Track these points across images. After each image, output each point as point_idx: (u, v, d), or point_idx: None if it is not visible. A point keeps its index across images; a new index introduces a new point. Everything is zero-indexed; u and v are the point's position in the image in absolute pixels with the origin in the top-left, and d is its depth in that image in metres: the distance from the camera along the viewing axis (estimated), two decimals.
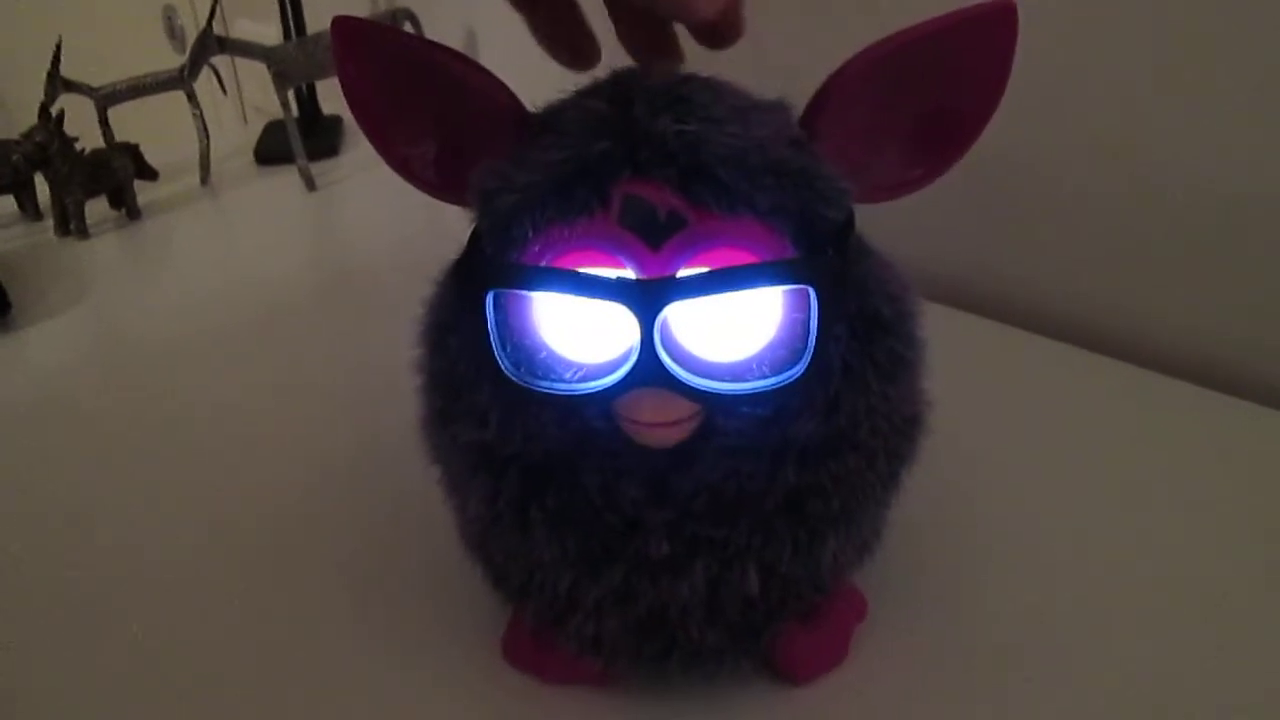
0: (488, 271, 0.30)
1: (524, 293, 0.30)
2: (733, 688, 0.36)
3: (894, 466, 0.34)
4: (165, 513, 0.49)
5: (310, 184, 0.96)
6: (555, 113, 0.32)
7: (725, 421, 0.30)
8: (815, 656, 0.37)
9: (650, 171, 0.29)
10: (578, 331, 0.30)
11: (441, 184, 0.34)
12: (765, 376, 0.29)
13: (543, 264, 0.30)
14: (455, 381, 0.32)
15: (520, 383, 0.30)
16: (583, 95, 0.32)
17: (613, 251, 0.29)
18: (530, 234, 0.30)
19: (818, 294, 0.28)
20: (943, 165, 0.33)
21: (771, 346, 0.30)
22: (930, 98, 0.32)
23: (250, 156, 1.05)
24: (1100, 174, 0.60)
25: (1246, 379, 0.56)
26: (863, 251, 0.32)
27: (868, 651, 0.38)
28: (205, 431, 0.57)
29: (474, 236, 0.32)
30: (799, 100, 0.32)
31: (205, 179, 0.99)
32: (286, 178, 0.99)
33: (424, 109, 0.34)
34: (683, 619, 0.32)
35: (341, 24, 0.32)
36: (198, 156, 0.99)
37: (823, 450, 0.31)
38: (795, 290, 0.29)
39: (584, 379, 0.30)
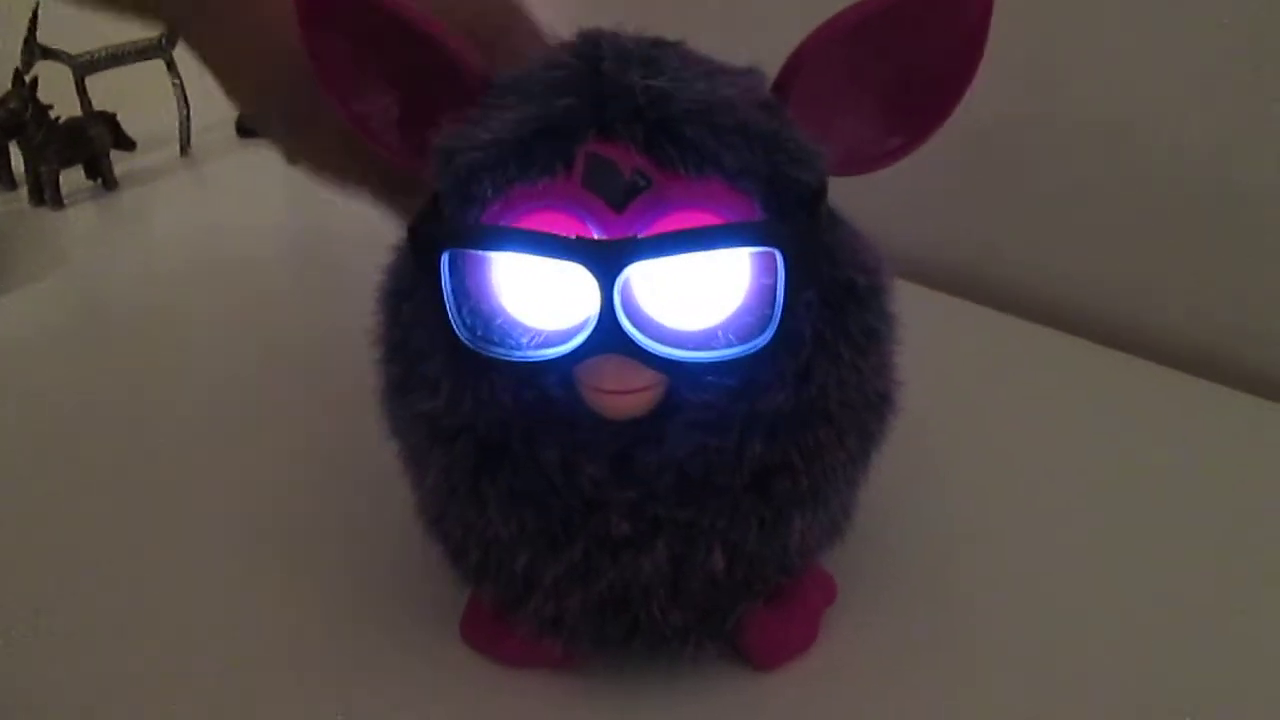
0: (442, 232, 0.29)
1: (480, 254, 0.29)
2: (697, 672, 0.35)
3: (864, 444, 0.32)
4: (132, 483, 0.48)
5: None
6: (521, 71, 0.31)
7: (691, 393, 0.29)
8: (782, 640, 0.36)
9: (616, 130, 0.28)
10: (536, 296, 0.29)
11: (404, 147, 0.33)
12: (731, 345, 0.28)
13: (503, 224, 0.29)
14: (410, 350, 0.31)
15: (475, 348, 0.29)
16: (549, 53, 0.31)
17: (575, 213, 0.28)
18: (490, 195, 0.29)
19: (785, 258, 0.27)
20: (920, 134, 0.31)
21: (739, 314, 0.28)
22: (905, 64, 0.31)
23: (232, 128, 1.04)
24: (1092, 154, 0.59)
25: (1240, 368, 0.56)
26: (835, 221, 0.31)
27: (837, 636, 0.37)
28: (177, 404, 0.56)
29: (433, 199, 0.31)
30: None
31: (185, 150, 0.98)
32: (268, 150, 0.97)
33: (387, 66, 0.33)
34: (645, 599, 0.31)
35: None
36: (177, 127, 0.97)
37: (792, 423, 0.30)
38: (763, 255, 0.28)
39: (541, 345, 0.29)
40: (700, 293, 0.28)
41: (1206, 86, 0.54)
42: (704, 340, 0.28)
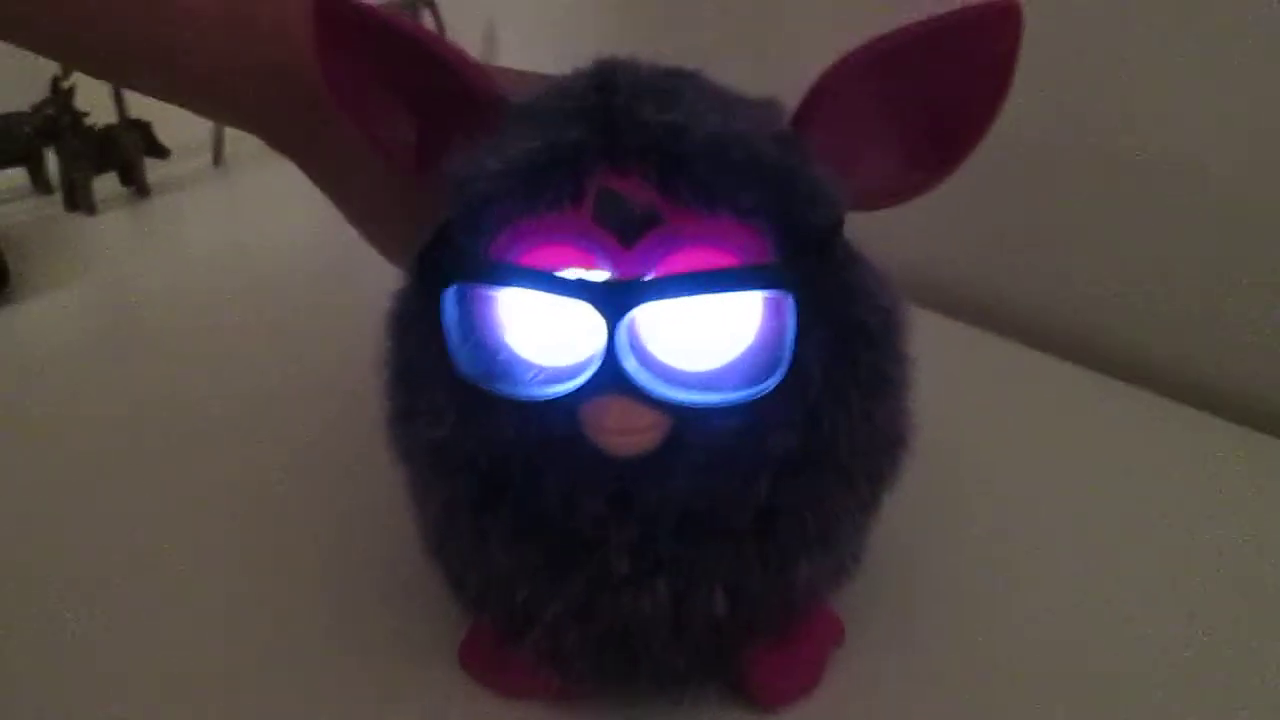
0: (449, 264, 0.29)
1: (484, 287, 0.28)
2: (700, 711, 0.34)
3: (874, 488, 0.32)
4: (145, 495, 0.48)
5: None
6: (535, 98, 0.30)
7: (696, 433, 0.28)
8: (787, 681, 0.35)
9: (628, 164, 0.28)
10: (541, 333, 0.29)
11: (422, 170, 0.33)
12: (738, 388, 0.28)
13: (509, 258, 0.28)
14: (415, 379, 0.31)
15: (476, 383, 0.28)
16: (563, 82, 0.30)
17: (584, 248, 0.28)
18: (500, 226, 0.29)
19: (796, 301, 0.27)
20: (943, 171, 0.31)
21: (746, 356, 0.28)
22: (930, 96, 0.30)
23: None
24: (1112, 179, 0.58)
25: (1250, 406, 0.54)
26: (851, 258, 0.31)
27: (844, 677, 0.36)
28: (199, 416, 0.56)
29: (443, 226, 0.31)
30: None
31: (218, 159, 0.99)
32: None
33: (402, 89, 0.33)
34: (645, 638, 0.31)
35: (319, 3, 0.31)
36: (210, 136, 0.98)
37: (799, 468, 0.29)
38: (773, 296, 0.27)
39: (544, 383, 0.28)
40: (708, 334, 0.28)
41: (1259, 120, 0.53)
42: (710, 382, 0.28)
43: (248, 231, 0.89)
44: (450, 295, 0.28)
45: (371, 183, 0.40)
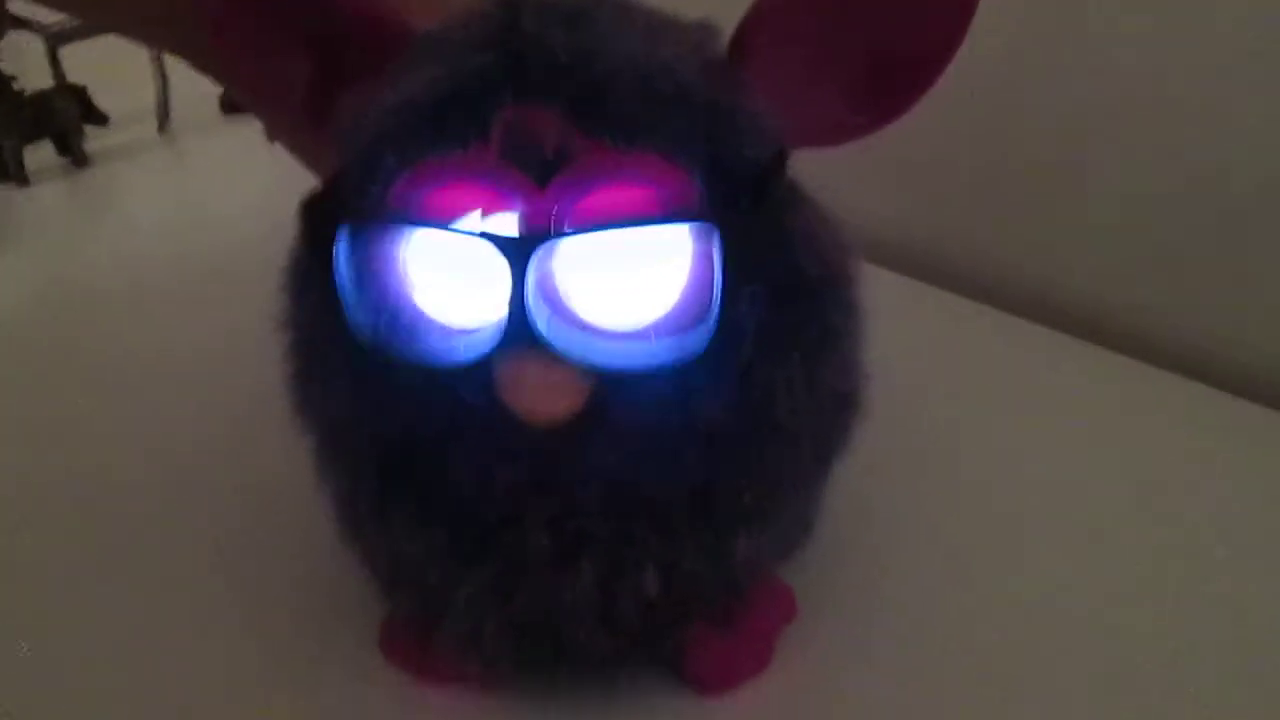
0: (338, 206, 0.26)
1: (384, 238, 0.26)
2: (635, 697, 0.32)
3: (820, 451, 0.29)
4: (80, 471, 0.45)
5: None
6: (441, 29, 0.27)
7: (620, 398, 0.26)
8: (731, 665, 0.32)
9: (537, 95, 0.25)
10: (446, 286, 0.26)
11: (313, 117, 0.30)
12: (664, 345, 0.25)
13: (407, 203, 0.25)
14: (311, 342, 0.28)
15: (374, 347, 0.25)
16: (474, 8, 0.27)
17: (491, 189, 0.25)
18: (397, 168, 0.26)
19: (723, 241, 0.24)
20: (890, 113, 0.28)
21: (672, 312, 0.25)
22: (881, 33, 0.27)
23: (215, 104, 1.00)
24: (1099, 138, 0.55)
25: (1251, 377, 0.52)
26: (794, 201, 0.28)
27: (795, 658, 0.33)
28: (140, 396, 0.52)
29: (334, 177, 0.28)
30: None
31: (163, 126, 0.95)
32: (253, 127, 0.93)
33: (292, 26, 0.29)
34: (569, 622, 0.28)
35: None
36: (155, 101, 0.94)
37: (734, 433, 0.26)
38: (700, 243, 0.24)
39: (449, 345, 0.25)
40: (628, 285, 0.25)
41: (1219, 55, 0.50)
42: (632, 340, 0.25)
43: (195, 201, 0.85)
44: (342, 245, 0.25)
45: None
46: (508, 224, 0.25)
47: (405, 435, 0.27)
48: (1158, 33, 0.51)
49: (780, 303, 0.26)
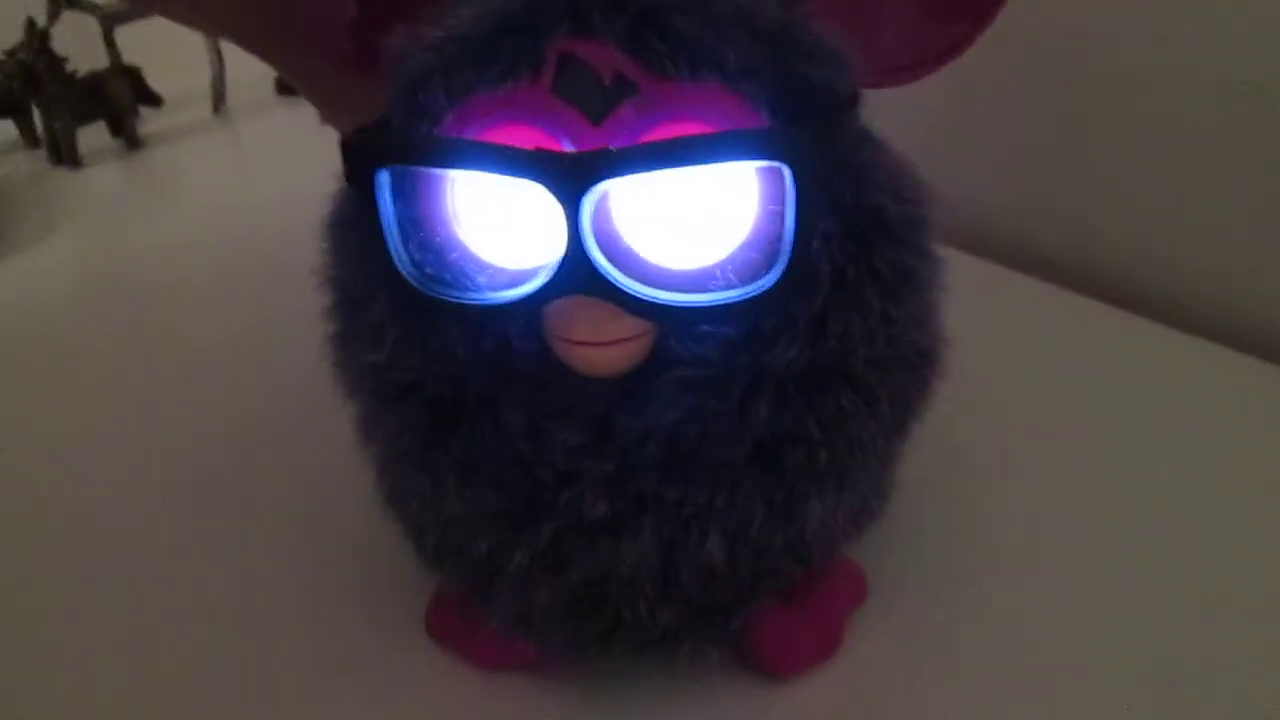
0: (379, 144, 0.24)
1: (430, 175, 0.24)
2: (698, 679, 0.30)
3: (899, 411, 0.27)
4: (129, 457, 0.44)
5: None
6: None
7: (682, 345, 0.24)
8: (799, 646, 0.30)
9: (593, 24, 0.23)
10: (497, 226, 0.24)
11: (360, 58, 0.28)
12: (731, 286, 0.23)
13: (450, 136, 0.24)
14: (355, 292, 0.26)
15: (421, 289, 0.24)
16: None
17: (545, 126, 0.23)
18: (444, 104, 0.24)
19: (795, 175, 0.22)
20: (973, 23, 0.26)
21: (741, 249, 0.23)
22: None
23: (270, 86, 1.00)
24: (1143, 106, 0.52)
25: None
26: (867, 138, 0.26)
27: (865, 641, 0.32)
28: (189, 378, 0.51)
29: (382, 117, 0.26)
30: None
31: (218, 107, 0.94)
32: (309, 109, 0.93)
33: None
34: (628, 593, 0.26)
35: None
36: (210, 82, 0.93)
37: (807, 384, 0.24)
38: (769, 174, 0.22)
39: (501, 286, 0.24)
40: (693, 221, 0.23)
41: None
42: (697, 281, 0.23)
43: (248, 183, 0.84)
44: (384, 182, 0.24)
45: None
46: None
47: (454, 388, 0.25)
48: None
49: (857, 243, 0.24)
